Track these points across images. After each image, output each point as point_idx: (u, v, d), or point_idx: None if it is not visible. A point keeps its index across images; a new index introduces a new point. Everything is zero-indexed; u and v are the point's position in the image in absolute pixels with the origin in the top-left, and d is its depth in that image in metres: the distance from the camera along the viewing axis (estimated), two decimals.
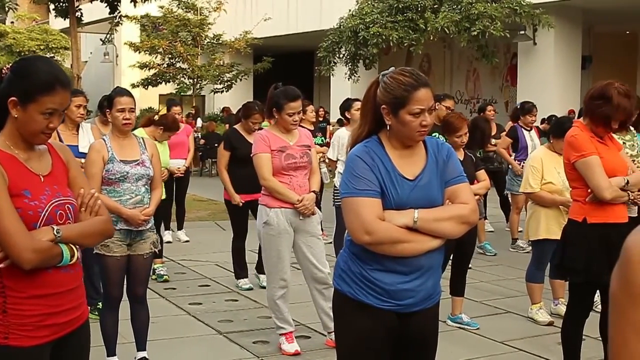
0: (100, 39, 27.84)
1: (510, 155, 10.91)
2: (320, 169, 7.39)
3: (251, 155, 6.32)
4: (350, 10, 19.13)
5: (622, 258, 2.02)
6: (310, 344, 6.49)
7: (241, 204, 8.21)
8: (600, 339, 5.50)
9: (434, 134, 8.83)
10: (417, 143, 3.48)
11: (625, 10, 19.14)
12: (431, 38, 17.46)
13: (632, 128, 6.77)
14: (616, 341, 2.01)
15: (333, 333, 5.87)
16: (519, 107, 11.82)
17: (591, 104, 5.03)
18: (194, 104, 26.15)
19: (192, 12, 25.42)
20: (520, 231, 9.85)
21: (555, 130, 7.18)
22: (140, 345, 5.75)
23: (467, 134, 6.96)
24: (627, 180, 5.07)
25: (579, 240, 5.08)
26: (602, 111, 4.94)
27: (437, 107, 9.54)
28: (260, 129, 7.75)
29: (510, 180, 10.87)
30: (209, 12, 25.59)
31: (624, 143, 6.67)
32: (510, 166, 10.92)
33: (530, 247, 7.71)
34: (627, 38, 22.29)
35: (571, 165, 5.10)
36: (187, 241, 11.19)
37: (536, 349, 6.42)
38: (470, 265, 9.31)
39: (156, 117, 9.23)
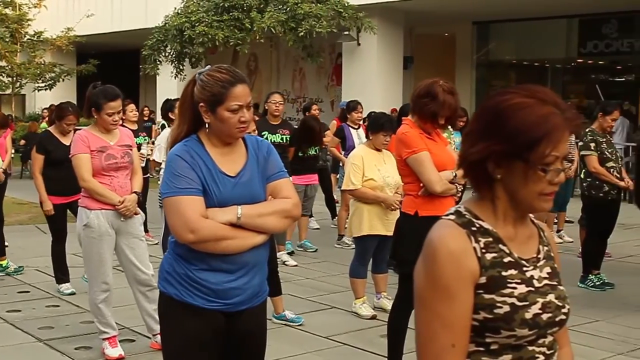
0: None
1: (341, 154, 11.13)
2: None
3: (70, 156, 6.13)
4: (175, 9, 18.92)
5: (426, 252, 2.07)
6: (134, 347, 6.36)
7: (52, 212, 7.99)
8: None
9: (263, 134, 8.89)
10: (236, 140, 3.47)
11: (445, 13, 19.90)
12: (257, 38, 17.51)
13: (449, 126, 7.02)
14: (425, 335, 2.06)
15: (158, 335, 5.80)
16: (344, 107, 12.12)
17: (418, 102, 5.19)
18: (12, 104, 25.11)
19: (10, 7, 24.40)
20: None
21: (372, 126, 7.35)
22: None
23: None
24: (455, 174, 5.26)
25: (412, 232, 5.21)
26: (429, 108, 5.11)
27: (267, 105, 9.64)
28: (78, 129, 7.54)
29: (342, 178, 11.07)
30: (29, 7, 24.64)
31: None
32: (341, 164, 11.13)
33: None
34: (446, 39, 23.16)
35: (403, 161, 5.25)
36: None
37: (360, 342, 6.55)
38: (296, 263, 9.48)
39: None
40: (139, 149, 8.21)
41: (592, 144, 8.65)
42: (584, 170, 8.90)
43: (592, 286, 8.63)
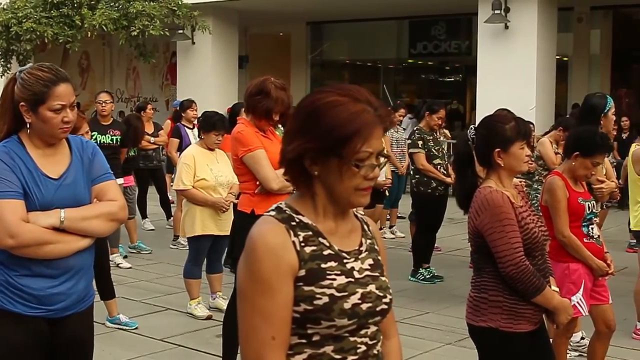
0: None
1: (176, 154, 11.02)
2: None
3: None
4: (1, 4, 18.17)
5: (247, 248, 2.11)
6: None
7: None
8: None
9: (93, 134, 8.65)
10: (60, 141, 3.38)
11: (279, 13, 20.03)
12: (89, 35, 17.07)
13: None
14: (246, 329, 2.09)
15: None
16: (178, 107, 12.04)
17: (252, 100, 5.20)
18: None
19: None
20: None
21: (204, 125, 7.34)
22: None
23: None
24: None
25: (248, 230, 5.20)
26: (263, 105, 5.13)
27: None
28: None
29: None
30: None
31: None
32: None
33: None
34: (281, 39, 23.34)
35: (239, 160, 5.24)
36: None
37: (196, 343, 6.52)
38: (130, 265, 9.32)
39: None
40: None
41: (420, 142, 8.94)
42: (412, 168, 9.19)
43: (423, 279, 8.92)
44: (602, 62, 18.76)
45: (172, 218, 11.47)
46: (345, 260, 2.16)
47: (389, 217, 11.94)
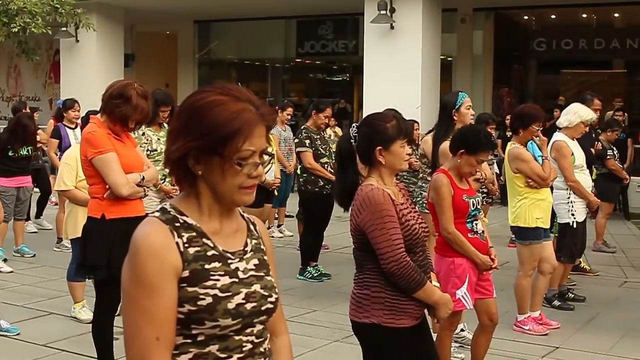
0: None
1: (57, 154, 10.77)
2: None
3: None
4: None
5: (130, 250, 2.10)
6: None
7: None
8: None
9: None
10: None
11: (165, 11, 19.82)
12: None
13: (166, 125, 7.00)
14: (130, 331, 2.09)
15: None
16: (60, 105, 11.78)
17: (110, 103, 5.07)
18: None
19: None
20: None
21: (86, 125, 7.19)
22: None
23: None
24: (143, 177, 5.22)
25: (100, 237, 5.10)
26: (121, 111, 5.03)
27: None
28: None
29: None
30: None
31: (158, 139, 6.89)
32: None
33: None
34: (168, 37, 23.11)
35: (88, 161, 5.10)
36: None
37: (81, 347, 6.37)
38: (11, 269, 9.07)
39: None
40: None
41: (307, 141, 8.99)
42: (300, 166, 9.23)
43: (311, 277, 8.98)
44: (484, 62, 19.26)
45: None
46: (229, 261, 2.17)
47: (277, 216, 11.97)
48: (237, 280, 2.16)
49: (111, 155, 5.01)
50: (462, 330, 6.47)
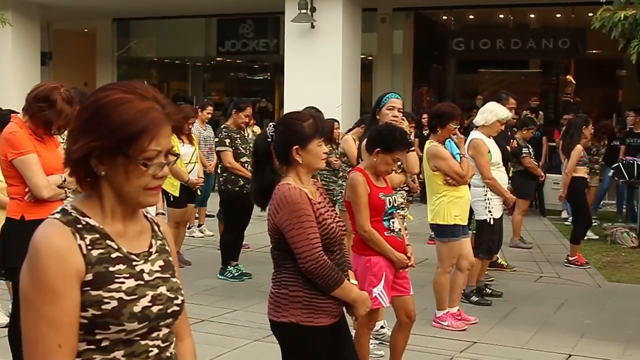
0: None
1: None
2: None
3: None
4: None
5: (30, 253, 2.01)
6: None
7: None
8: None
9: None
10: None
11: (83, 8, 19.49)
12: None
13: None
14: (31, 338, 1.99)
15: None
16: None
17: (34, 105, 4.98)
18: None
19: None
20: None
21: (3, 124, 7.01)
22: None
23: None
24: (65, 178, 5.12)
25: (19, 238, 4.98)
26: (44, 114, 4.95)
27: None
28: None
29: None
30: None
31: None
32: None
33: None
34: (86, 35, 22.70)
35: (9, 162, 5.00)
36: None
37: None
38: None
39: None
40: None
41: (227, 140, 8.94)
42: (220, 166, 9.17)
43: (231, 277, 8.93)
44: (404, 61, 19.45)
45: None
46: (134, 263, 2.12)
47: (197, 215, 11.87)
48: (142, 282, 2.10)
49: (32, 157, 4.93)
50: (382, 327, 6.52)
